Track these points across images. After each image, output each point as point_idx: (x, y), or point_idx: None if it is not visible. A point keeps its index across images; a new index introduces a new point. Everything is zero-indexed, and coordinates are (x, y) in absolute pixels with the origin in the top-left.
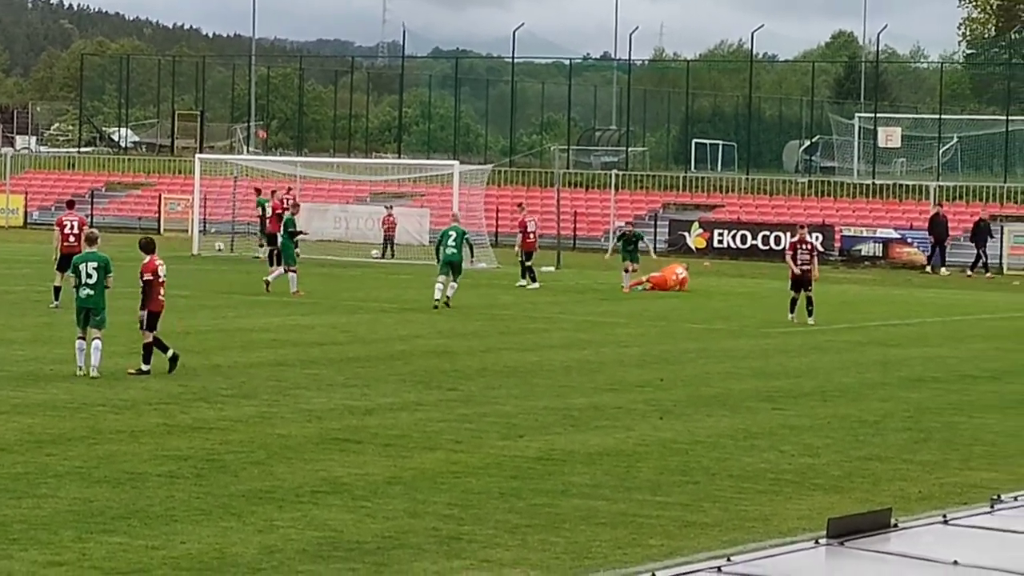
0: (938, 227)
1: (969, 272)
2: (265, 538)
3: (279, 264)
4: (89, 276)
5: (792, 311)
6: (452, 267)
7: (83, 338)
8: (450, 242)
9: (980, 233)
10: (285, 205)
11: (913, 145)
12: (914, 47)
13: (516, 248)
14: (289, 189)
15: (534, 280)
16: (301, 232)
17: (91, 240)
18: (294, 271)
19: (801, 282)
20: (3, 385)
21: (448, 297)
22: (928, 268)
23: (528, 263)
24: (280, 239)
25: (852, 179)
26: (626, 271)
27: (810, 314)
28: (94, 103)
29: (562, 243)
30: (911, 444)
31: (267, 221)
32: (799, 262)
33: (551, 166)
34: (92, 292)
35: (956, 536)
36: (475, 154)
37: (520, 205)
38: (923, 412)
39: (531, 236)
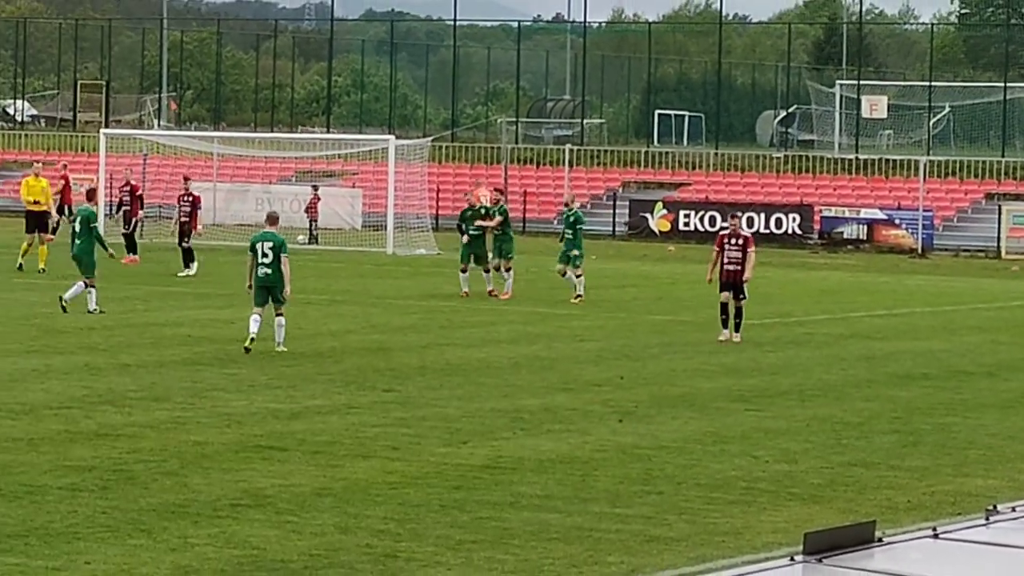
0: None
1: None
2: (179, 557)
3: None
4: (265, 255)
5: (724, 325)
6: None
7: (258, 313)
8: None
9: None
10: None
11: (901, 116)
12: (903, 7)
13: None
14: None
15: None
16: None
17: (272, 220)
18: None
19: (730, 285)
20: None
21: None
22: None
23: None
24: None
25: (833, 153)
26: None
27: (737, 328)
28: None
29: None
30: (899, 448)
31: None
32: (726, 260)
33: (498, 140)
34: (269, 271)
35: (947, 552)
36: (413, 128)
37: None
38: (912, 412)
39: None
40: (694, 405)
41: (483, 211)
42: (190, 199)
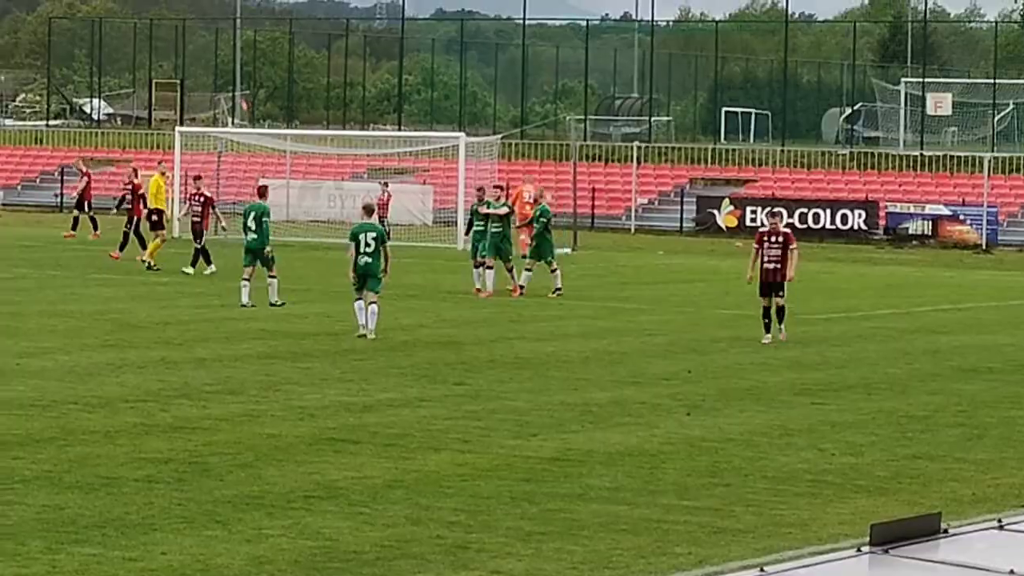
0: None
1: None
2: (253, 548)
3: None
4: (368, 245)
5: (767, 329)
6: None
7: (360, 299)
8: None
9: None
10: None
11: (965, 113)
12: (969, 5)
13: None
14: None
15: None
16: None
17: (369, 211)
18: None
19: (770, 285)
20: None
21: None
22: None
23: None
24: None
25: (898, 150)
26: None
27: (780, 321)
28: (63, 71)
29: (579, 222)
30: (964, 441)
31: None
32: (766, 259)
33: (566, 138)
34: (370, 260)
35: (1012, 543)
36: (483, 125)
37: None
38: (977, 406)
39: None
40: (761, 399)
41: (487, 205)
42: (201, 199)
